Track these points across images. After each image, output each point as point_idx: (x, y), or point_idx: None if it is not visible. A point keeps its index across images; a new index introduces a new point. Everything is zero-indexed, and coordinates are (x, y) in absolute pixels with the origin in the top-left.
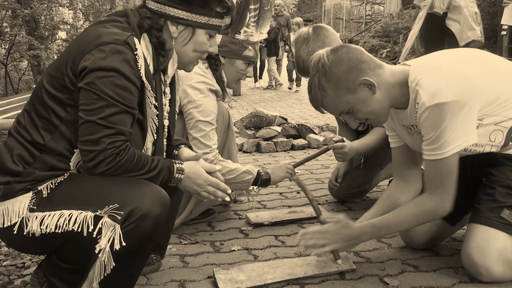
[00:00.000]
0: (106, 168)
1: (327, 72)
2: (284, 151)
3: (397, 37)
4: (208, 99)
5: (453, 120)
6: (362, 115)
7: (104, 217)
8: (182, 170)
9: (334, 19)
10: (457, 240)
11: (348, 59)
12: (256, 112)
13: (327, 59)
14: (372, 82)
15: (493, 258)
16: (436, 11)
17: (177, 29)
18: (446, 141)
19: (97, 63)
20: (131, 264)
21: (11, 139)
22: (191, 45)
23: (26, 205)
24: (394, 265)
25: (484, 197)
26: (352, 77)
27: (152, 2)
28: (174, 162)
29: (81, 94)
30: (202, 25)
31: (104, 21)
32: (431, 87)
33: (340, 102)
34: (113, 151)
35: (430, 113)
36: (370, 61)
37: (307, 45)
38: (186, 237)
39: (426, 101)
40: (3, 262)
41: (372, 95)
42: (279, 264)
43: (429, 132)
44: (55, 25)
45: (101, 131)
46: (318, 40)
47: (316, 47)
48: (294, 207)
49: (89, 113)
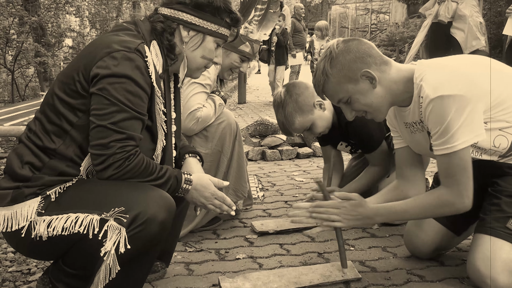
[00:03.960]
0: (115, 172)
1: (333, 59)
2: (289, 160)
3: (403, 46)
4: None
5: (459, 114)
6: (359, 106)
7: (110, 220)
8: (190, 181)
9: (339, 28)
10: (462, 250)
11: (356, 50)
12: (261, 120)
13: (337, 47)
14: (373, 75)
15: (498, 269)
16: (441, 20)
17: (189, 34)
18: (455, 134)
19: (109, 69)
20: (136, 270)
21: (22, 145)
22: (200, 51)
23: (34, 209)
24: (399, 274)
25: (490, 207)
26: (355, 67)
27: (165, 9)
28: (182, 172)
29: (93, 99)
30: (212, 32)
31: (115, 30)
32: (435, 80)
33: (340, 90)
34: (123, 156)
35: (435, 105)
36: (378, 56)
37: (283, 108)
38: (191, 244)
39: (429, 94)
40: (9, 268)
41: (373, 89)
42: (285, 273)
43: (436, 125)
44: (62, 32)
45: (112, 135)
46: (292, 101)
47: (291, 109)
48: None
49: (101, 117)
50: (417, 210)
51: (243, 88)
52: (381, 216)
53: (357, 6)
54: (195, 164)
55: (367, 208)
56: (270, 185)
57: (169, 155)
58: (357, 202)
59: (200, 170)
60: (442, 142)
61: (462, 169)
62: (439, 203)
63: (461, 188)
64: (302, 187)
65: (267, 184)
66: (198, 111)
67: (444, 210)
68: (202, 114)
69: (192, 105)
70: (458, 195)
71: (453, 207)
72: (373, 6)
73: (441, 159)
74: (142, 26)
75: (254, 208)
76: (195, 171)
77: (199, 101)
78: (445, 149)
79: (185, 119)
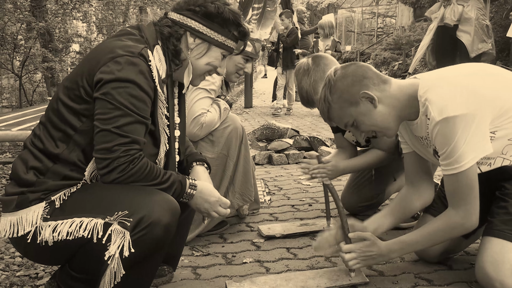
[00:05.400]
0: (119, 175)
1: (332, 86)
2: (295, 164)
3: (409, 50)
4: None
5: (465, 133)
6: (365, 127)
7: (114, 224)
8: (195, 186)
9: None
10: (470, 254)
11: (353, 74)
12: (268, 124)
13: (334, 75)
14: (372, 95)
15: (507, 271)
16: (447, 23)
17: (195, 41)
18: (462, 154)
19: (113, 74)
20: (141, 273)
21: (26, 151)
22: (205, 59)
23: (39, 215)
24: (407, 278)
25: (498, 210)
26: (354, 90)
27: (175, 14)
28: (187, 178)
29: (97, 104)
30: (218, 43)
31: (118, 35)
32: (440, 102)
33: (344, 114)
34: (127, 159)
35: (441, 127)
36: (375, 77)
37: (309, 76)
38: (198, 249)
39: (435, 116)
40: (16, 273)
41: (374, 109)
42: (292, 277)
43: (443, 146)
44: (69, 38)
45: (116, 139)
46: (319, 70)
47: (317, 78)
48: (306, 219)
49: (105, 122)
50: (428, 239)
51: (250, 93)
52: (394, 252)
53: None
54: (202, 173)
55: (381, 247)
56: (277, 189)
57: (172, 160)
58: (370, 242)
59: (207, 179)
60: (449, 163)
61: (469, 188)
62: (449, 227)
63: (468, 207)
64: (309, 191)
65: (274, 188)
66: (202, 116)
67: (455, 233)
68: (206, 119)
69: (196, 110)
70: (466, 215)
71: (463, 227)
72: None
73: (449, 178)
74: (146, 31)
75: (261, 212)
76: (203, 180)
77: (203, 106)
78: (453, 169)
79: (189, 125)
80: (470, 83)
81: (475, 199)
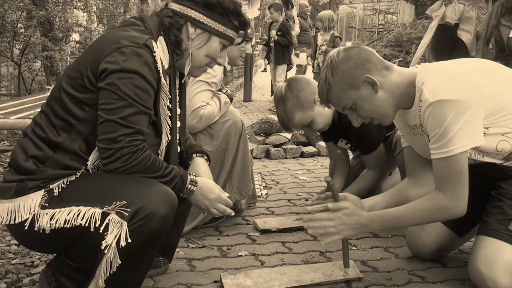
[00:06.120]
0: (122, 165)
1: (334, 68)
2: (293, 158)
3: (410, 47)
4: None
5: (458, 119)
6: (364, 112)
7: (112, 213)
8: (196, 182)
9: (346, 28)
10: (464, 252)
11: (356, 57)
12: (266, 118)
13: (337, 56)
14: (375, 80)
15: (500, 271)
16: (448, 22)
17: (195, 31)
18: (452, 139)
19: (118, 64)
20: (137, 264)
21: (27, 139)
22: (205, 49)
23: (37, 202)
24: (401, 275)
25: (493, 210)
26: (356, 74)
27: (175, 4)
28: (188, 173)
29: (102, 94)
30: (218, 33)
31: (123, 25)
32: (435, 85)
33: (343, 97)
34: (131, 150)
35: (433, 109)
36: (378, 62)
37: (283, 103)
38: (193, 241)
39: (429, 98)
40: (12, 261)
41: (375, 94)
42: (286, 271)
43: (434, 129)
44: (69, 27)
45: (120, 130)
46: (292, 96)
47: (290, 105)
48: (302, 214)
49: (109, 112)
50: (412, 216)
51: (249, 86)
52: (375, 223)
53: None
54: (202, 164)
55: (362, 216)
56: (274, 183)
57: (174, 151)
58: (351, 211)
59: (207, 170)
60: (439, 146)
61: (458, 173)
62: (435, 209)
63: (456, 193)
64: (305, 186)
65: (271, 182)
66: (202, 108)
67: (439, 216)
68: (205, 112)
69: (196, 102)
70: (453, 199)
71: (449, 212)
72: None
73: (438, 162)
74: (149, 21)
75: (257, 206)
76: (203, 171)
77: (203, 99)
78: (442, 153)
79: (188, 117)
80: (470, 75)
81: (463, 185)
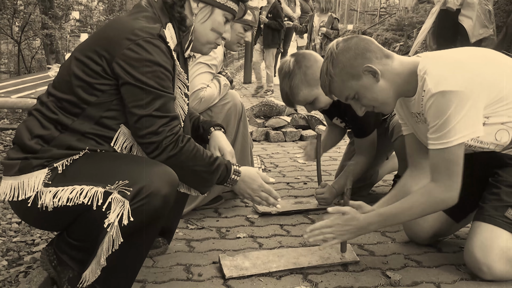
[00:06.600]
0: (171, 154)
1: (334, 59)
2: (292, 141)
3: (411, 31)
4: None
5: (459, 110)
6: (366, 101)
7: (114, 192)
8: (239, 172)
9: (348, 10)
10: (460, 237)
11: (355, 47)
12: (266, 101)
13: (337, 47)
14: (375, 69)
15: (496, 256)
16: (450, 7)
17: (198, 6)
18: (452, 130)
19: (139, 58)
20: (138, 243)
21: (32, 118)
22: (209, 23)
23: (41, 180)
24: (397, 259)
25: (490, 196)
26: (357, 63)
27: None
28: (232, 164)
29: (127, 89)
30: (220, 5)
31: (134, 12)
32: (438, 75)
33: (345, 88)
34: (173, 138)
35: (435, 100)
36: (378, 51)
37: (289, 78)
38: (193, 222)
39: (431, 88)
40: (13, 239)
41: (376, 83)
42: (284, 253)
43: (434, 119)
44: (69, 5)
45: (158, 121)
46: (300, 72)
47: (298, 81)
48: (301, 197)
49: (143, 108)
50: (409, 212)
51: (249, 68)
52: (374, 224)
53: None
54: (222, 137)
55: (360, 219)
56: (273, 166)
57: (186, 131)
58: (350, 216)
59: (227, 143)
60: (438, 137)
61: (454, 163)
62: (429, 201)
63: (451, 183)
64: (304, 169)
65: (270, 165)
66: (202, 91)
67: (437, 208)
68: (205, 94)
69: (196, 84)
70: (448, 189)
71: (444, 203)
72: None
73: (435, 153)
74: (156, 6)
75: None
76: (225, 143)
77: (203, 81)
78: (441, 144)
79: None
80: (472, 65)
81: (458, 176)
